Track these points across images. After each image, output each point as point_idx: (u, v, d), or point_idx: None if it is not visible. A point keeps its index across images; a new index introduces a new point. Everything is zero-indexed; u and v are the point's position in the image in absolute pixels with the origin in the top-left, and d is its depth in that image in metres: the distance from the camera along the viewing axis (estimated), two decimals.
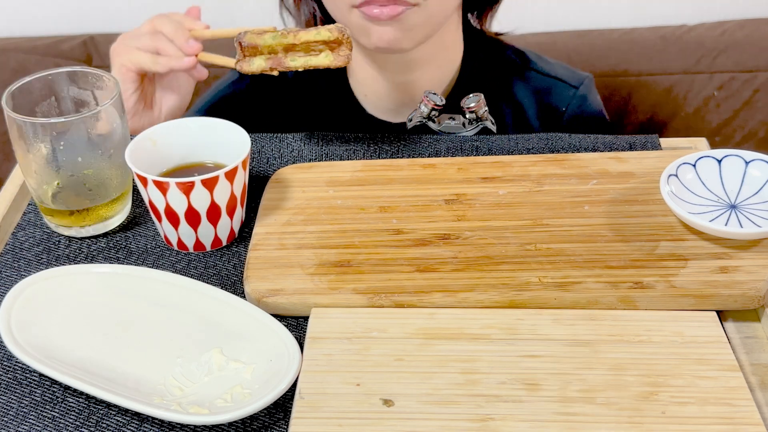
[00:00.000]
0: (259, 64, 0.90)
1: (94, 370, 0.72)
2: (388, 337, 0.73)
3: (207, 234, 0.84)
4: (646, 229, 0.81)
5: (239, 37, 0.90)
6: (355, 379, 0.70)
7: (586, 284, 0.76)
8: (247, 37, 0.90)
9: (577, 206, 0.85)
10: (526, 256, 0.79)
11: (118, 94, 0.85)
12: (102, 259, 0.85)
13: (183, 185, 0.80)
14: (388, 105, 1.12)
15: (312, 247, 0.82)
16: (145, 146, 0.86)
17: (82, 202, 0.86)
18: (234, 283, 0.82)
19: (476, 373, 0.70)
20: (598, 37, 1.53)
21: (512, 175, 0.89)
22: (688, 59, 1.49)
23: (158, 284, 0.79)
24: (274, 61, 0.90)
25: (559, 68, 1.18)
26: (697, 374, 0.69)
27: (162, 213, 0.83)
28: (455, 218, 0.85)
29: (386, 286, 0.77)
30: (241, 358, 0.72)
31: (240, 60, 0.91)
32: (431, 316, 0.75)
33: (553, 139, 0.96)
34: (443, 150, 0.96)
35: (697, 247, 0.79)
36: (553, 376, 0.69)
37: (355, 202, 0.87)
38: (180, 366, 0.72)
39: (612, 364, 0.70)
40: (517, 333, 0.73)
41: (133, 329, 0.76)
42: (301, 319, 0.78)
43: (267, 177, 0.94)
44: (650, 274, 0.77)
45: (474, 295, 0.76)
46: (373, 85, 1.11)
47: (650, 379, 0.69)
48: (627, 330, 0.73)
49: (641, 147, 0.95)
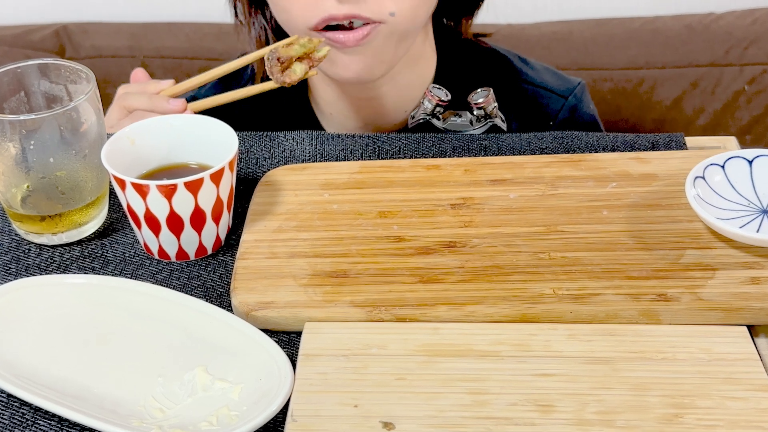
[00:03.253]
0: (302, 68, 0.95)
1: (67, 390, 0.72)
2: (389, 354, 0.73)
3: (191, 241, 0.84)
4: (670, 237, 0.82)
5: (274, 54, 0.94)
6: (353, 400, 0.70)
7: (604, 296, 0.76)
8: (281, 51, 0.94)
9: (595, 211, 0.85)
10: (539, 266, 0.80)
11: (93, 88, 0.85)
12: (76, 268, 0.85)
13: (164, 188, 0.80)
14: (356, 123, 1.12)
15: (305, 255, 0.82)
16: (123, 146, 0.86)
17: (55, 206, 0.86)
18: (220, 295, 0.82)
19: (485, 394, 0.70)
20: (618, 26, 1.53)
21: (524, 178, 0.90)
22: (716, 50, 1.49)
23: (137, 296, 0.79)
24: (307, 63, 0.96)
25: (547, 75, 1.16)
26: (726, 395, 0.69)
27: (141, 219, 0.83)
28: (462, 224, 0.85)
29: (386, 299, 0.77)
30: (228, 377, 0.73)
31: (278, 74, 0.95)
32: (435, 331, 0.75)
33: (568, 137, 0.97)
34: (448, 150, 0.97)
35: (725, 255, 0.79)
36: (568, 396, 0.69)
37: (353, 207, 0.88)
38: (161, 386, 0.72)
39: (633, 384, 0.70)
40: (529, 350, 0.73)
41: (110, 346, 0.76)
42: (293, 334, 0.78)
43: (256, 179, 0.94)
44: (675, 286, 0.77)
45: (482, 309, 0.76)
46: (338, 104, 1.10)
47: (675, 400, 0.69)
48: (649, 346, 0.73)
49: (665, 146, 0.95)
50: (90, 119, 0.85)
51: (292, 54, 0.94)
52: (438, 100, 1.00)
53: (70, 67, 0.88)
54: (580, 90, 1.15)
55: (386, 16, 0.95)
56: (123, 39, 1.60)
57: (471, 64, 1.13)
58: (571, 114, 1.13)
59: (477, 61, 1.14)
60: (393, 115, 1.10)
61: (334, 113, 1.11)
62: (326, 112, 1.12)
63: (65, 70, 0.88)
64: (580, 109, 1.14)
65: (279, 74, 0.95)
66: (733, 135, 0.99)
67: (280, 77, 0.95)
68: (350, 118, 1.11)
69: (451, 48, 1.13)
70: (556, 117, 1.13)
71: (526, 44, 1.50)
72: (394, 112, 1.10)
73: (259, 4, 1.08)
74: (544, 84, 1.14)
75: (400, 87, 1.08)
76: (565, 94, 1.14)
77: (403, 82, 1.08)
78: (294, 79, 0.95)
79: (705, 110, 1.50)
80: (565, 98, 1.13)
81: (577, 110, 1.14)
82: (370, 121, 1.11)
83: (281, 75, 0.95)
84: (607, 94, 1.51)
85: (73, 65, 0.88)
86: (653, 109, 1.51)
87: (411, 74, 1.08)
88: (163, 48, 1.60)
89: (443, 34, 1.13)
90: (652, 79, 1.50)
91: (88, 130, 0.85)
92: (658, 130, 1.49)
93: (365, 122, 1.11)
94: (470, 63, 1.14)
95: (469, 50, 1.15)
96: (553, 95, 1.14)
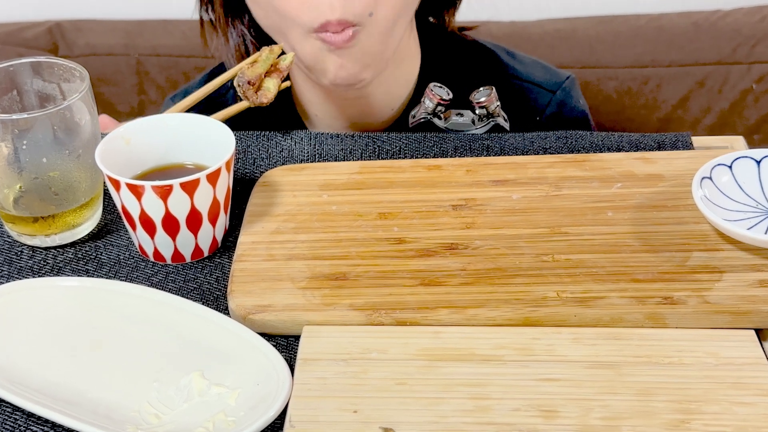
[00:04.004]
0: (274, 83, 0.97)
1: (61, 395, 0.72)
2: (389, 359, 0.73)
3: (187, 243, 0.84)
4: (676, 238, 0.82)
5: (243, 78, 0.96)
6: (352, 406, 0.70)
7: (609, 300, 0.76)
8: (249, 73, 0.96)
9: (600, 212, 0.85)
10: (542, 269, 0.80)
11: (87, 87, 0.85)
12: (69, 271, 0.85)
13: (160, 189, 0.80)
14: (343, 123, 1.11)
15: (304, 258, 0.82)
16: (117, 146, 0.86)
17: (48, 207, 0.86)
18: (217, 298, 0.82)
19: (487, 399, 0.70)
20: (623, 23, 1.53)
21: (527, 178, 0.90)
22: (723, 48, 1.49)
23: (132, 299, 0.79)
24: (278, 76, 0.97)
25: (535, 69, 1.15)
26: (733, 400, 0.69)
27: (136, 220, 0.83)
28: (463, 226, 0.85)
29: (386, 302, 0.77)
30: (225, 381, 0.72)
31: (253, 97, 0.97)
32: (436, 335, 0.75)
33: (572, 137, 0.97)
34: (450, 150, 0.97)
35: (733, 258, 0.79)
36: (572, 402, 0.69)
37: (352, 208, 0.88)
38: (156, 391, 0.72)
39: (639, 389, 0.70)
40: (533, 354, 0.73)
41: (105, 350, 0.76)
42: (291, 338, 0.78)
43: (254, 180, 0.94)
44: (681, 289, 0.77)
45: (484, 312, 0.76)
46: (324, 105, 1.10)
47: (681, 405, 0.69)
48: (655, 351, 0.73)
49: (671, 146, 0.95)
50: (84, 118, 0.85)
51: (260, 71, 0.96)
52: (439, 98, 1.00)
53: (63, 66, 0.88)
54: (569, 84, 1.14)
55: (366, 18, 0.95)
56: (118, 37, 1.60)
57: (456, 60, 1.13)
58: (560, 109, 1.13)
59: (462, 57, 1.14)
60: (379, 114, 1.10)
61: (319, 114, 1.12)
62: (311, 114, 1.12)
63: (59, 69, 0.88)
64: (569, 104, 1.14)
65: (254, 96, 0.97)
66: (740, 134, 0.99)
67: (256, 99, 0.97)
68: (337, 119, 1.11)
69: (435, 44, 1.13)
70: (543, 112, 1.12)
71: (529, 42, 1.50)
72: (380, 111, 1.10)
73: (237, 13, 1.08)
74: (531, 78, 1.13)
75: (386, 85, 1.08)
76: (553, 89, 1.13)
77: (389, 80, 1.08)
78: (270, 98, 0.97)
79: (712, 109, 1.50)
80: (553, 93, 1.13)
81: (566, 105, 1.13)
82: (357, 120, 1.11)
83: (256, 96, 0.97)
84: (612, 93, 1.51)
85: (66, 63, 0.88)
86: (659, 108, 1.51)
87: (396, 72, 1.08)
88: (158, 46, 1.60)
89: (427, 30, 1.13)
90: (657, 78, 1.50)
91: (82, 130, 0.85)
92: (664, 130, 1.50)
93: (352, 122, 1.11)
94: (455, 58, 1.13)
95: (454, 45, 1.14)
96: (540, 90, 1.13)
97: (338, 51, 0.96)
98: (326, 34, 0.95)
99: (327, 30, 0.95)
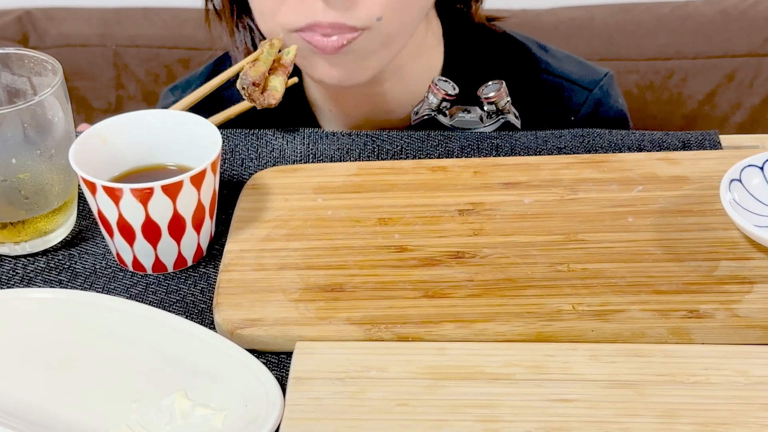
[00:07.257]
0: (280, 82, 0.97)
1: (32, 417, 0.72)
2: (389, 378, 0.73)
3: (169, 252, 0.84)
4: (702, 246, 0.82)
5: (247, 80, 0.95)
6: (349, 429, 0.70)
7: (629, 313, 0.77)
8: (252, 74, 0.95)
9: (619, 218, 0.85)
10: (556, 279, 0.80)
11: (60, 81, 0.85)
12: (41, 282, 0.85)
13: (139, 192, 0.80)
14: (357, 120, 1.11)
15: (296, 267, 0.82)
16: (93, 145, 0.86)
17: (17, 213, 0.86)
18: (201, 311, 0.82)
19: (496, 422, 0.70)
20: (645, 11, 1.53)
21: (540, 180, 0.90)
22: (754, 39, 1.49)
23: (109, 313, 0.79)
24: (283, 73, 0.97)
25: (570, 64, 1.15)
26: (765, 422, 0.69)
27: (114, 226, 0.83)
28: (471, 233, 0.85)
29: (386, 316, 0.78)
30: (211, 402, 0.73)
31: (260, 99, 0.96)
32: (441, 351, 0.75)
33: (589, 136, 0.97)
34: (456, 149, 0.97)
35: (765, 267, 0.79)
36: (589, 424, 0.69)
37: (349, 213, 0.88)
38: (136, 412, 0.72)
39: (661, 410, 0.70)
40: (546, 372, 0.73)
41: (79, 367, 0.76)
42: (283, 355, 0.78)
43: (242, 182, 0.94)
44: (708, 301, 0.77)
45: (493, 326, 0.76)
46: (336, 100, 1.10)
47: (708, 428, 0.69)
48: (680, 369, 0.73)
49: (697, 146, 0.95)
50: (56, 115, 0.85)
51: (263, 70, 0.96)
52: (444, 94, 1.00)
53: (34, 58, 0.88)
54: (608, 82, 1.14)
55: (373, 22, 0.95)
56: (93, 26, 1.60)
57: (483, 53, 1.13)
58: (596, 108, 1.13)
59: (490, 49, 1.14)
60: (397, 111, 1.10)
61: (333, 110, 1.12)
62: (324, 109, 1.12)
63: (29, 61, 0.89)
64: (607, 103, 1.14)
65: (261, 98, 0.96)
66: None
67: (263, 101, 0.97)
68: (351, 116, 1.11)
69: (460, 35, 1.13)
70: (578, 111, 1.12)
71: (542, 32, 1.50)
72: (398, 108, 1.10)
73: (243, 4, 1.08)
74: (566, 74, 1.13)
75: (406, 81, 1.08)
76: (590, 86, 1.13)
77: (409, 75, 1.08)
78: (278, 98, 0.97)
79: (742, 105, 1.51)
80: (590, 90, 1.13)
81: (603, 104, 1.13)
82: (373, 117, 1.11)
83: (263, 98, 0.96)
84: (633, 88, 1.51)
85: (37, 55, 0.88)
86: (684, 104, 1.51)
87: (417, 66, 1.08)
88: (138, 36, 1.60)
89: (452, 20, 1.13)
90: (682, 71, 1.50)
91: (55, 128, 0.86)
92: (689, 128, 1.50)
93: (367, 119, 1.11)
94: (482, 51, 1.13)
95: (481, 37, 1.14)
96: (576, 87, 1.13)
97: (327, 57, 0.96)
98: (311, 34, 0.95)
99: (314, 30, 0.94)
